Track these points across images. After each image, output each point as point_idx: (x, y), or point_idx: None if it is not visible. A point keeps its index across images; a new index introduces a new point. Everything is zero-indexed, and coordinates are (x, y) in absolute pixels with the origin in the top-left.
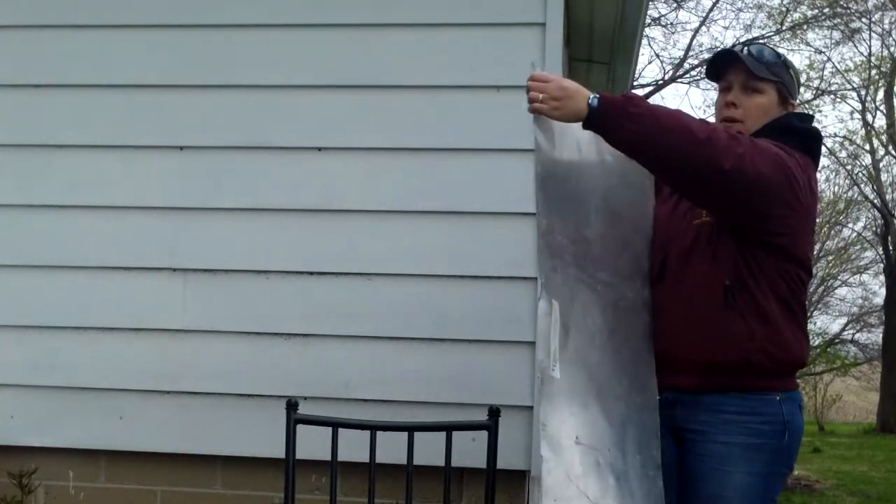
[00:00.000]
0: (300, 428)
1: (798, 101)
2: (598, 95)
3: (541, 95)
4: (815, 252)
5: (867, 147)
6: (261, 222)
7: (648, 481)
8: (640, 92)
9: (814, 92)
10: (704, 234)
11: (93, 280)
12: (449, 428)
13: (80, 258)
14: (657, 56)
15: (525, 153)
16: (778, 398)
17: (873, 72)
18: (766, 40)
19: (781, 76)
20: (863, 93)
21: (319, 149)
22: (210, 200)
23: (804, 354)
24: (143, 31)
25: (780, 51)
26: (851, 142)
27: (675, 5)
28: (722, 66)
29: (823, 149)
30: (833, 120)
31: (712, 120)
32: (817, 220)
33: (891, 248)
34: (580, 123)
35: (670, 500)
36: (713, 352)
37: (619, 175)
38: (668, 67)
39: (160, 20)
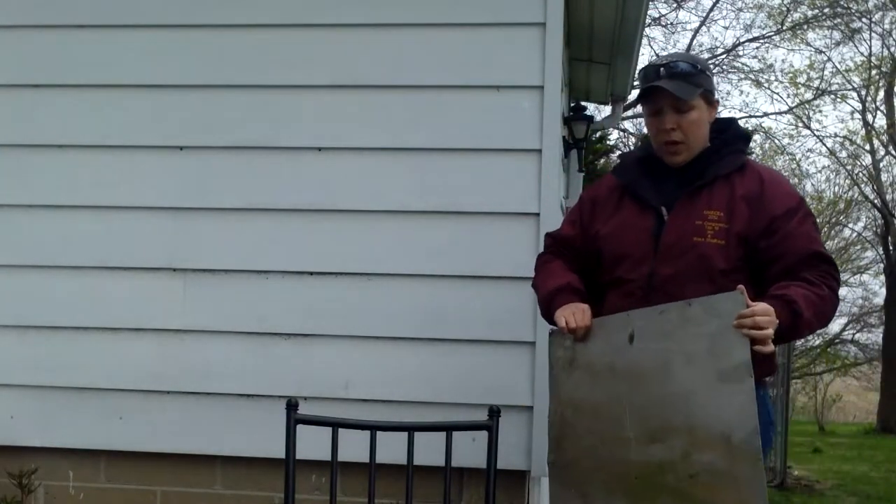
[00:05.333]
0: (300, 428)
1: (799, 101)
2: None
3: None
4: None
5: (867, 147)
6: (261, 222)
7: None
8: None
9: (814, 92)
10: (706, 257)
11: (93, 280)
12: (449, 428)
13: (80, 258)
14: (657, 56)
15: (525, 153)
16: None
17: (873, 72)
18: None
19: (702, 83)
20: (863, 93)
21: (319, 149)
22: (210, 200)
23: None
24: (142, 31)
25: (691, 53)
26: (852, 142)
27: (675, 5)
28: (647, 92)
29: (824, 149)
30: (833, 120)
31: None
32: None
33: (891, 248)
34: None
35: None
36: None
37: None
38: None
39: (160, 20)
